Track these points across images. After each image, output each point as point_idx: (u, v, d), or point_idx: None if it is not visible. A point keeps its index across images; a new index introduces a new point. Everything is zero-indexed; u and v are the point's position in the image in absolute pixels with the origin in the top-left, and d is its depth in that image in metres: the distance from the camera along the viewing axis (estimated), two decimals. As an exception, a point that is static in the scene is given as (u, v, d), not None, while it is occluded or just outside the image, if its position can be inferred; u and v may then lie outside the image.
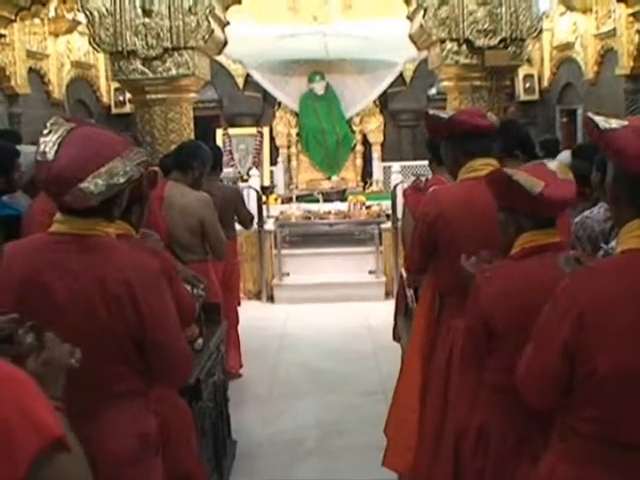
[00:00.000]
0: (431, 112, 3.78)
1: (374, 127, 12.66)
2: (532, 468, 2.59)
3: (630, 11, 8.22)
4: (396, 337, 5.32)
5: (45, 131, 2.37)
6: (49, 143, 2.34)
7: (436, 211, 3.63)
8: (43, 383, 1.90)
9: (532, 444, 2.66)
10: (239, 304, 6.76)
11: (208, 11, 7.46)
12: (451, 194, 3.64)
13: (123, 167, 2.37)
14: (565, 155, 6.31)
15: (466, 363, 2.93)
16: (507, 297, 2.69)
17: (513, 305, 2.67)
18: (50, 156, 2.32)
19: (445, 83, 8.26)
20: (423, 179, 5.06)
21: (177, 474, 3.14)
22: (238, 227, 6.70)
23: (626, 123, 2.04)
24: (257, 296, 9.44)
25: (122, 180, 2.37)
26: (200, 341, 4.02)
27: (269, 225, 9.69)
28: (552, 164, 2.85)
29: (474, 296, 2.78)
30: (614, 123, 2.05)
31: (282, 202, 11.39)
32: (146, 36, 7.44)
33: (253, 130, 12.52)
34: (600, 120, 2.07)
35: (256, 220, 9.30)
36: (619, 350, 2.02)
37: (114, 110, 11.89)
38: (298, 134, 12.63)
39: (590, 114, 2.11)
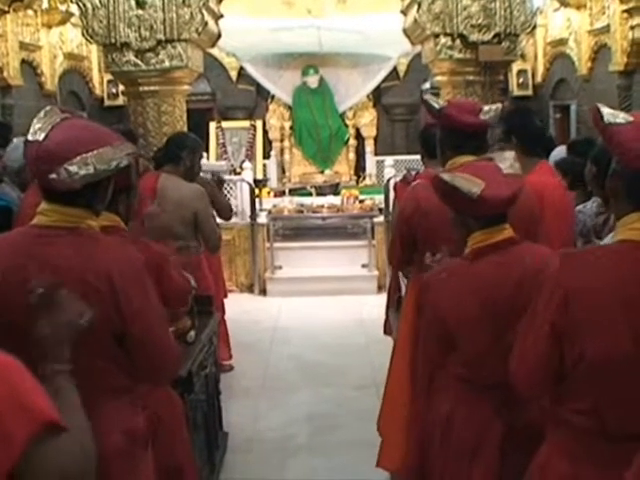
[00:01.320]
0: (426, 98, 3.78)
1: (367, 121, 12.67)
2: (492, 455, 2.63)
3: (624, 7, 8.21)
4: (387, 330, 5.33)
5: (40, 115, 2.38)
6: (41, 126, 2.35)
7: (413, 206, 3.66)
8: (50, 343, 1.93)
9: (493, 433, 2.69)
10: (226, 296, 6.74)
11: (202, 3, 7.44)
12: (429, 189, 3.65)
13: (112, 154, 2.37)
14: (560, 150, 6.32)
15: (429, 361, 2.96)
16: (459, 298, 2.73)
17: (466, 305, 2.71)
18: (40, 137, 2.32)
19: (439, 77, 8.26)
20: (413, 172, 5.06)
21: (168, 466, 3.13)
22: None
23: (632, 119, 2.06)
24: (250, 289, 9.44)
25: (111, 165, 2.36)
26: (192, 333, 4.01)
27: (262, 218, 9.69)
28: (504, 158, 2.86)
29: (427, 297, 2.83)
30: (620, 117, 2.06)
31: (275, 195, 11.40)
32: (139, 28, 7.42)
33: (246, 123, 12.52)
34: (606, 113, 2.08)
35: (249, 213, 9.33)
36: (605, 336, 2.03)
37: (107, 102, 11.84)
38: (291, 127, 12.64)
39: (600, 105, 2.12)
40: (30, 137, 2.35)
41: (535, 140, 4.41)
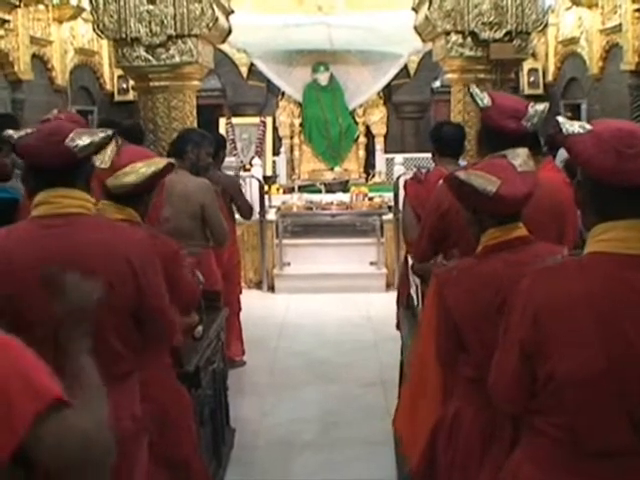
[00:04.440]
0: (472, 90, 3.67)
1: (377, 119, 12.64)
2: (500, 457, 2.61)
3: (636, 6, 8.20)
4: (399, 326, 5.32)
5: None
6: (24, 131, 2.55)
7: (450, 201, 3.61)
8: (68, 325, 1.97)
9: (501, 434, 2.67)
10: (240, 292, 6.76)
11: (212, -1, 7.45)
12: None
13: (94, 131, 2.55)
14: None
15: (440, 360, 2.93)
16: (470, 296, 2.70)
17: (476, 303, 2.68)
18: (24, 132, 2.52)
19: (449, 75, 8.25)
20: (424, 171, 5.05)
21: (175, 459, 3.15)
22: (237, 216, 6.69)
23: (590, 128, 2.03)
24: (258, 286, 9.45)
25: (107, 132, 2.52)
26: (200, 329, 4.02)
27: (271, 215, 9.70)
28: (517, 155, 2.82)
29: (438, 295, 2.80)
30: (577, 127, 2.03)
31: (284, 192, 11.38)
32: (150, 23, 7.42)
33: (256, 120, 12.50)
34: (565, 123, 2.05)
35: (258, 210, 9.33)
36: (575, 354, 1.99)
37: (117, 97, 11.85)
38: (301, 124, 12.61)
39: (558, 117, 2.11)
40: (21, 142, 2.52)
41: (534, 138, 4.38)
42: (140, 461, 2.67)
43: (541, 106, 3.55)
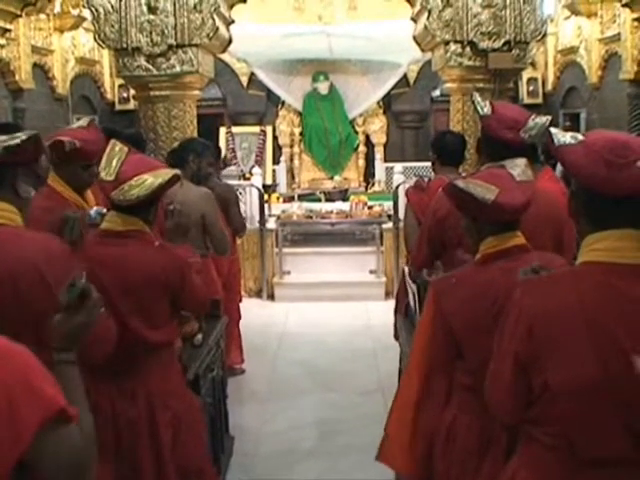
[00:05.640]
0: (474, 98, 3.71)
1: (377, 128, 12.69)
2: (496, 465, 2.61)
3: (635, 16, 8.21)
4: (397, 335, 5.33)
5: None
6: None
7: (448, 208, 3.63)
8: (66, 336, 1.92)
9: (496, 442, 2.67)
10: (240, 300, 6.77)
11: (213, 9, 7.47)
12: None
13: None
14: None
15: (435, 367, 2.94)
16: (467, 303, 2.72)
17: (475, 311, 2.69)
18: None
19: (448, 85, 8.28)
20: (426, 179, 5.08)
21: (189, 469, 3.15)
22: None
23: (581, 138, 2.05)
24: (258, 294, 9.46)
25: (29, 135, 2.45)
26: (199, 337, 4.04)
27: (271, 224, 9.71)
28: (515, 165, 2.84)
29: (436, 303, 2.81)
30: (569, 137, 2.06)
31: (284, 201, 11.41)
32: (151, 33, 7.46)
33: (256, 129, 12.54)
34: (557, 134, 2.08)
35: (258, 219, 9.36)
36: (570, 365, 2.00)
37: (118, 107, 11.91)
38: (301, 133, 12.67)
39: (551, 128, 2.13)
40: None
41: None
42: None
43: (543, 119, 3.56)
